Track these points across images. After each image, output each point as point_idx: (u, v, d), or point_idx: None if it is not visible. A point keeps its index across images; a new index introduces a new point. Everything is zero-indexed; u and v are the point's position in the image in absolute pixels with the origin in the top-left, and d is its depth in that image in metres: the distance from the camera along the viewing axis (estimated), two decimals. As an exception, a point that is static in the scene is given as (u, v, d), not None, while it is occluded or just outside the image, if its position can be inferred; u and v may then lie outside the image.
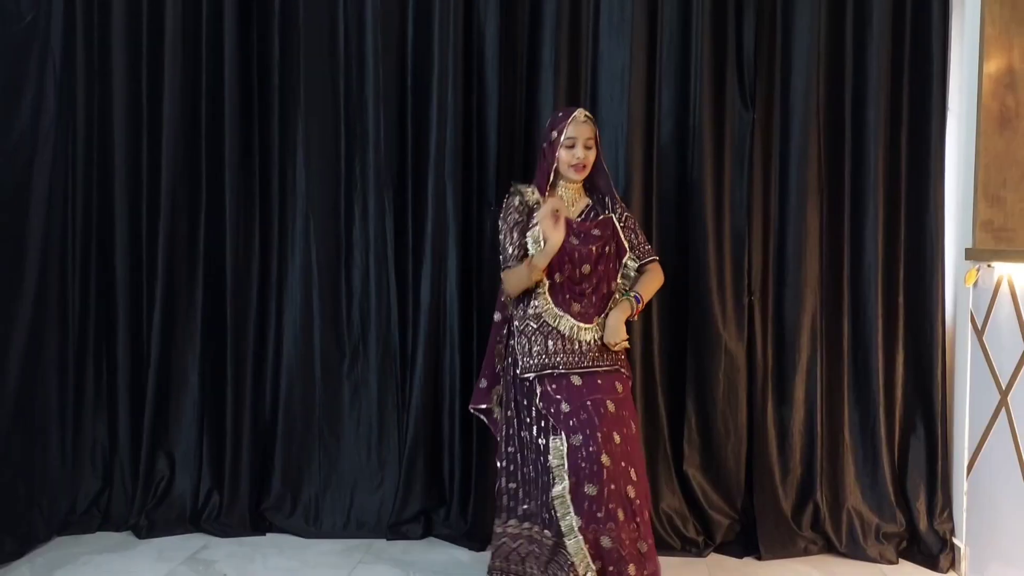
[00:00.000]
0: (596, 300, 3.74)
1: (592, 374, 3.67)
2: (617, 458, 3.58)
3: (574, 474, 3.55)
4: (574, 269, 3.71)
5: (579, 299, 3.72)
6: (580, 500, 3.53)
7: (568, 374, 3.66)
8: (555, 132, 3.75)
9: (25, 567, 4.25)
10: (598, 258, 3.73)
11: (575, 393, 3.63)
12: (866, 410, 4.58)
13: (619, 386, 3.71)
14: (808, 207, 4.54)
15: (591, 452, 3.54)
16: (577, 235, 3.73)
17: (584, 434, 3.55)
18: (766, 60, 4.57)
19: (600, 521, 3.52)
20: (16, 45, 4.36)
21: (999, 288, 3.97)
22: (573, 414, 3.60)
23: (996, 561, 4.00)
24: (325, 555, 4.47)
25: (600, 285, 3.74)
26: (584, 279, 3.72)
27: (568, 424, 3.59)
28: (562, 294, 3.70)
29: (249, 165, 4.79)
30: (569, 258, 3.70)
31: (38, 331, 4.55)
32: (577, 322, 3.67)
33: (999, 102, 4.13)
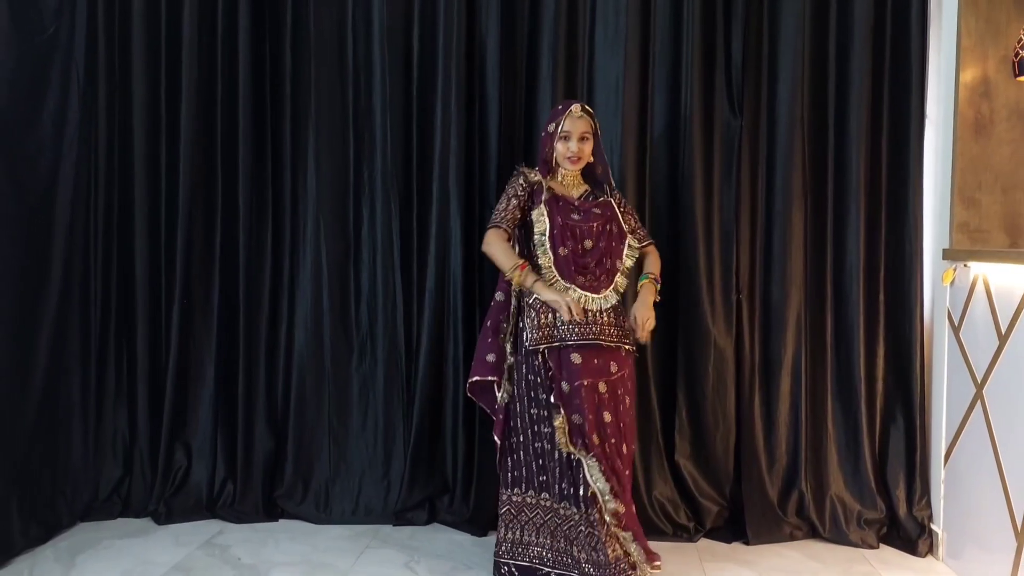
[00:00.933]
0: (600, 274, 3.78)
1: (594, 349, 3.69)
2: (607, 436, 3.68)
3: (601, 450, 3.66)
4: (577, 244, 3.77)
5: (583, 272, 3.76)
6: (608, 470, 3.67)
7: (571, 349, 3.68)
8: (552, 124, 3.83)
9: (49, 551, 4.24)
10: (599, 234, 3.80)
11: (574, 373, 3.66)
12: (848, 402, 4.57)
13: (614, 366, 3.73)
14: (793, 209, 4.54)
15: (586, 432, 3.63)
16: (579, 212, 3.81)
17: (583, 415, 3.63)
18: (753, 70, 4.56)
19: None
20: (38, 56, 4.33)
21: (975, 287, 3.97)
22: (573, 395, 3.66)
23: (971, 545, 4.01)
24: (335, 540, 4.47)
25: (603, 260, 3.79)
26: (587, 253, 3.77)
27: (570, 404, 3.66)
28: (567, 267, 3.74)
29: (262, 170, 4.79)
30: (572, 234, 3.76)
31: (63, 327, 4.54)
32: (584, 292, 3.71)
33: (974, 110, 4.14)
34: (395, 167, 4.73)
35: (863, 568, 4.20)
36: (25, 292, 4.30)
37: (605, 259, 3.80)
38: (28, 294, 4.34)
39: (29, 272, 4.34)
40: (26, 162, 4.30)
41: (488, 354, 3.95)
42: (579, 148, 3.82)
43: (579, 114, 3.81)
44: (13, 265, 4.21)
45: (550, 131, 3.85)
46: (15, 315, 4.22)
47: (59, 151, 4.51)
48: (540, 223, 3.78)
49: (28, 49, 4.28)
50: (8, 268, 4.16)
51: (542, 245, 3.77)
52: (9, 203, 4.16)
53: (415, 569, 4.12)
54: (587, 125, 3.82)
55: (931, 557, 4.33)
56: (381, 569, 4.12)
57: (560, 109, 3.87)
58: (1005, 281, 3.73)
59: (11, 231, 4.18)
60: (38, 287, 4.41)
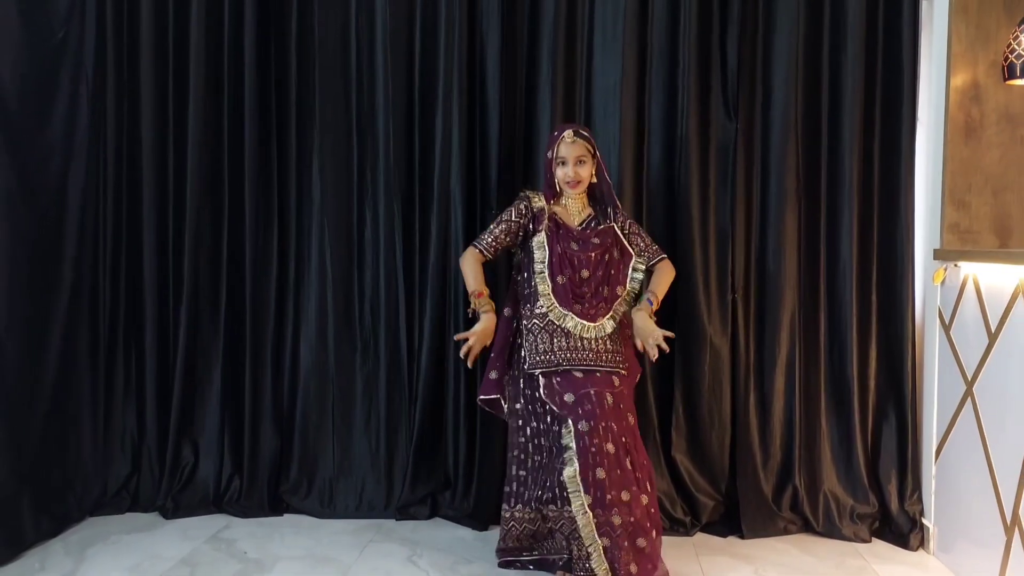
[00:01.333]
0: (597, 302, 3.81)
1: (590, 373, 3.71)
2: (620, 445, 3.63)
3: (582, 457, 3.58)
4: (574, 273, 3.80)
5: (580, 300, 3.79)
6: (589, 482, 3.57)
7: (571, 370, 3.71)
8: (550, 152, 3.89)
9: (59, 545, 4.25)
10: (597, 263, 3.82)
11: (579, 384, 3.67)
12: (841, 399, 4.57)
13: (616, 380, 3.74)
14: (787, 211, 4.54)
15: (597, 440, 3.58)
16: (577, 241, 3.83)
17: (590, 423, 3.59)
18: (748, 74, 4.56)
19: (608, 504, 3.56)
20: (48, 60, 4.35)
21: (965, 286, 3.97)
22: (578, 403, 3.64)
23: (962, 540, 4.02)
24: (339, 534, 4.48)
25: (600, 288, 3.82)
26: (584, 282, 3.81)
27: (575, 412, 3.63)
28: (565, 295, 3.78)
29: (268, 173, 4.79)
30: (570, 263, 3.80)
31: (73, 327, 4.56)
32: (581, 320, 3.75)
33: (965, 114, 4.15)
34: (398, 170, 4.72)
35: (856, 562, 4.20)
36: (37, 292, 4.32)
37: (602, 287, 3.84)
38: (39, 294, 4.35)
39: (41, 273, 4.36)
40: (36, 164, 4.31)
41: (491, 371, 4.00)
42: (576, 172, 3.85)
43: (571, 139, 3.84)
44: (25, 266, 4.22)
45: (549, 157, 3.91)
46: (27, 315, 4.24)
47: (69, 154, 4.53)
48: (540, 252, 3.84)
49: (38, 53, 4.29)
50: (20, 269, 4.18)
51: (541, 273, 3.83)
52: (19, 204, 4.17)
53: (417, 563, 4.13)
54: (581, 148, 3.84)
55: (922, 551, 4.33)
56: (384, 563, 4.12)
57: (556, 135, 3.91)
58: (995, 281, 3.73)
59: (22, 232, 4.20)
60: (50, 288, 4.43)
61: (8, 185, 4.10)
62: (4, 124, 4.06)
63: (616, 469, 3.60)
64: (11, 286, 4.11)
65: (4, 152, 4.06)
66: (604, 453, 3.59)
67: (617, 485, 3.59)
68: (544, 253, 3.83)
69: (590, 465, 3.58)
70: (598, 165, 3.94)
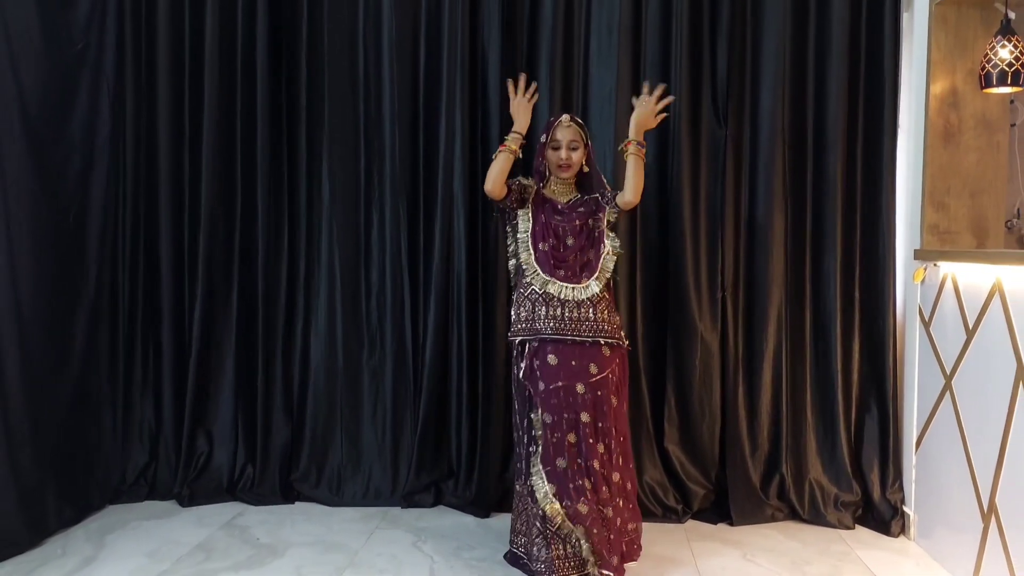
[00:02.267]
0: (579, 268, 3.75)
1: (570, 347, 3.66)
2: (584, 436, 3.63)
3: (546, 448, 3.62)
4: (558, 241, 3.77)
5: (563, 266, 3.74)
6: (553, 472, 3.61)
7: (549, 345, 3.66)
8: (545, 135, 3.85)
9: (81, 532, 4.26)
10: (580, 231, 3.77)
11: (551, 375, 3.65)
12: (826, 392, 4.59)
13: (594, 367, 3.68)
14: (774, 212, 4.56)
15: (561, 432, 3.62)
16: (561, 213, 3.81)
17: (555, 416, 3.62)
18: (737, 83, 4.58)
19: (572, 492, 3.59)
20: (68, 68, 4.36)
21: (944, 285, 3.98)
22: (548, 395, 3.64)
23: (941, 526, 4.03)
24: (347, 521, 4.49)
25: (582, 254, 3.76)
26: (568, 249, 3.77)
27: (546, 403, 3.64)
28: (546, 261, 3.74)
29: (279, 176, 4.81)
30: (554, 232, 3.77)
31: (94, 323, 4.57)
32: (563, 283, 3.71)
33: (944, 119, 4.16)
34: (403, 173, 4.75)
35: (840, 547, 4.21)
36: (61, 290, 4.34)
37: (586, 253, 3.78)
38: (64, 292, 4.38)
39: (65, 271, 4.38)
40: (58, 167, 4.33)
41: None
42: (568, 155, 3.81)
43: (568, 123, 3.82)
44: (50, 265, 4.24)
45: (543, 141, 3.88)
46: (51, 312, 4.26)
47: (90, 157, 4.54)
48: (524, 223, 3.83)
49: (59, 62, 4.31)
50: (45, 268, 4.20)
51: (524, 243, 3.80)
52: (43, 206, 4.19)
53: (422, 548, 4.14)
54: (575, 134, 3.82)
55: (903, 537, 4.34)
56: (391, 548, 4.13)
57: (552, 120, 3.89)
58: (972, 279, 3.73)
59: (46, 232, 4.22)
60: (74, 285, 4.45)
61: (32, 187, 4.11)
62: (27, 130, 4.07)
63: (577, 458, 3.63)
64: (36, 284, 4.13)
65: (27, 156, 4.07)
66: (566, 444, 3.62)
67: (580, 473, 3.62)
68: (528, 224, 3.82)
69: (551, 456, 3.62)
70: (590, 156, 3.89)
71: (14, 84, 4.00)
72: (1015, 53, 3.80)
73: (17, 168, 4.01)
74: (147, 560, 3.94)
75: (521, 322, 3.75)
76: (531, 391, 3.70)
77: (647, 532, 4.17)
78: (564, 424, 3.63)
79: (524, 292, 3.77)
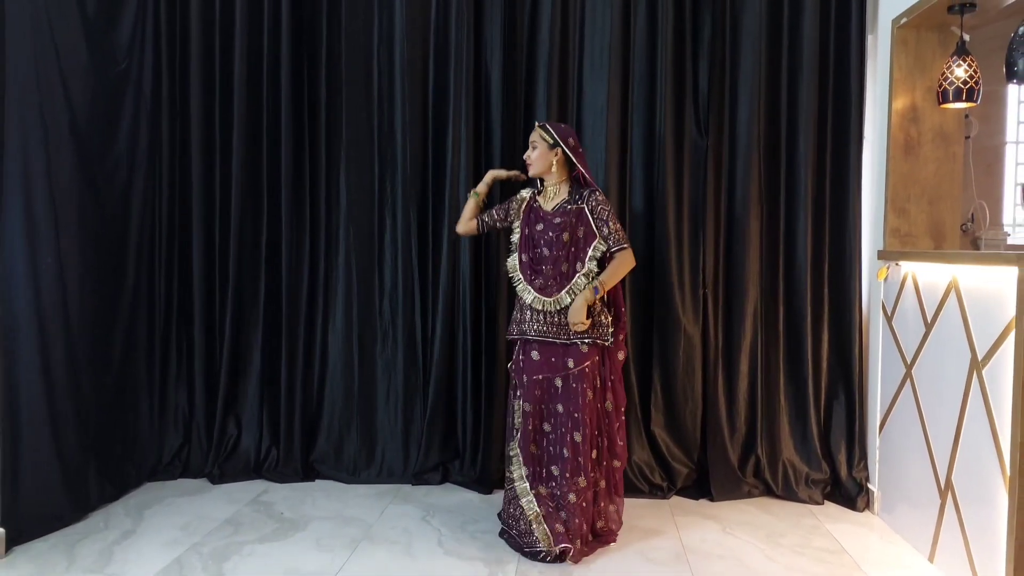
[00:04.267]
0: (555, 277, 3.71)
1: (551, 346, 3.68)
2: (556, 426, 3.66)
3: (523, 436, 3.69)
4: (535, 251, 3.76)
5: (540, 276, 3.73)
6: (527, 457, 3.69)
7: (533, 344, 3.71)
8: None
9: (120, 507, 4.29)
10: (556, 242, 3.71)
11: (532, 368, 3.70)
12: (798, 380, 4.61)
13: (571, 362, 3.68)
14: (751, 216, 4.57)
15: (536, 421, 3.67)
16: (543, 222, 3.78)
17: (532, 404, 3.67)
18: (717, 98, 4.59)
19: (540, 475, 3.68)
20: (113, 86, 4.39)
21: (905, 283, 4.00)
22: (529, 388, 3.69)
23: (902, 502, 4.04)
24: (362, 497, 4.51)
25: (558, 264, 3.71)
26: (544, 260, 3.74)
27: (529, 394, 3.69)
28: (527, 271, 3.76)
29: (301, 185, 4.82)
30: (533, 242, 3.77)
31: (134, 317, 4.60)
32: (537, 294, 3.70)
33: (904, 133, 4.19)
34: (414, 181, 4.77)
35: (810, 521, 4.23)
36: (105, 287, 4.37)
37: (560, 264, 3.71)
38: (108, 289, 4.40)
39: (109, 270, 4.40)
40: (106, 176, 4.36)
41: None
42: (528, 154, 3.84)
43: (535, 129, 3.84)
44: (96, 266, 4.26)
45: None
46: (96, 306, 4.28)
47: (132, 167, 4.57)
48: (515, 234, 3.87)
49: (104, 80, 4.33)
50: (91, 267, 4.21)
51: (512, 252, 3.85)
52: (91, 211, 4.21)
53: (431, 522, 4.15)
54: (534, 135, 3.81)
55: (868, 512, 4.36)
56: (402, 522, 4.15)
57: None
58: (930, 278, 3.74)
59: (94, 235, 4.24)
60: (116, 282, 4.47)
61: (81, 195, 4.13)
62: (76, 143, 4.09)
63: (550, 447, 3.67)
64: (83, 282, 4.14)
65: (76, 167, 4.10)
66: (540, 432, 3.68)
67: (551, 460, 3.67)
68: (516, 235, 3.86)
69: (528, 440, 3.68)
70: (566, 156, 3.76)
71: (64, 99, 4.01)
72: (969, 72, 3.82)
73: (68, 178, 4.03)
74: (181, 533, 3.96)
75: (514, 323, 3.82)
76: (517, 382, 3.77)
77: (635, 507, 4.21)
78: (541, 413, 3.68)
79: (517, 297, 3.82)
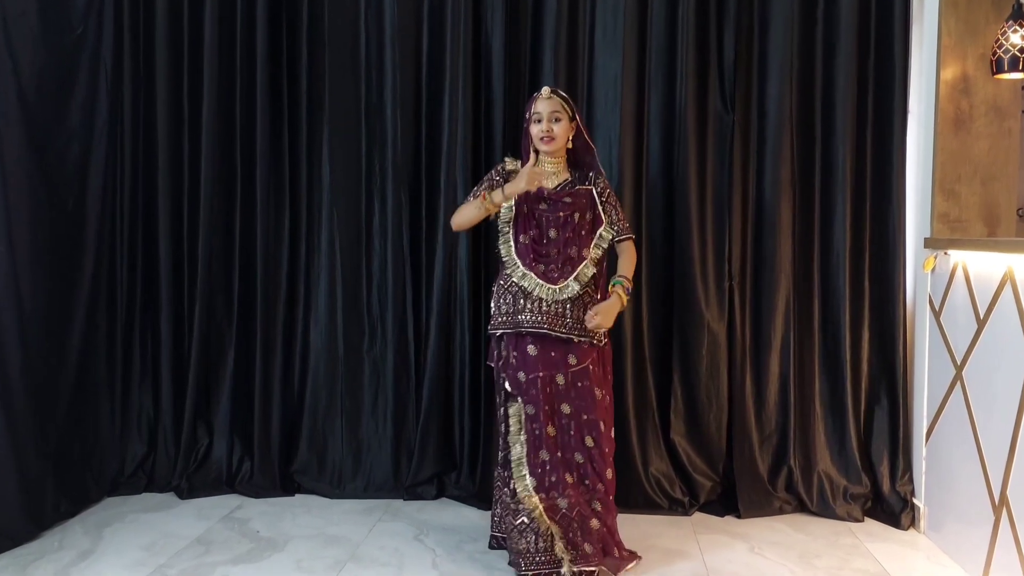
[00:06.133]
0: (562, 263, 3.65)
1: (546, 339, 3.60)
2: (563, 429, 3.61)
3: (528, 439, 3.61)
4: (540, 233, 3.69)
5: (544, 260, 3.66)
6: (535, 464, 3.60)
7: (528, 336, 3.61)
8: (527, 111, 3.74)
9: (78, 525, 4.24)
10: (565, 223, 3.67)
11: (530, 365, 3.61)
12: (835, 382, 4.58)
13: (573, 359, 3.63)
14: (782, 200, 4.55)
15: (540, 423, 3.59)
16: (547, 201, 3.69)
17: (536, 407, 3.60)
18: (744, 68, 4.56)
19: (553, 485, 3.58)
20: (67, 54, 4.37)
21: (955, 274, 3.97)
22: (528, 386, 3.61)
23: (951, 519, 4.01)
24: (348, 514, 4.48)
25: (566, 249, 3.66)
26: (551, 243, 3.67)
27: (526, 394, 3.61)
28: (526, 255, 3.66)
29: (279, 163, 4.80)
30: (537, 222, 3.69)
31: (92, 312, 4.57)
32: (541, 281, 3.62)
33: (954, 106, 4.15)
34: (405, 160, 4.74)
35: (849, 540, 4.20)
36: (59, 278, 4.34)
37: (569, 248, 3.67)
38: (62, 280, 4.37)
39: (63, 259, 4.37)
40: (57, 154, 4.33)
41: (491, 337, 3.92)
42: (549, 127, 3.65)
43: (547, 95, 3.68)
44: (47, 253, 4.23)
45: (526, 118, 3.75)
46: (50, 300, 4.26)
47: (89, 143, 4.54)
48: (506, 211, 3.73)
49: (57, 47, 4.30)
50: (42, 256, 4.18)
51: (504, 233, 3.74)
52: (41, 193, 4.18)
53: (424, 541, 4.13)
54: (556, 105, 3.66)
55: (913, 530, 4.34)
56: (392, 541, 4.12)
57: (534, 95, 3.75)
58: (983, 268, 3.72)
59: (44, 220, 4.21)
60: (72, 273, 4.45)
61: (31, 174, 4.10)
62: (25, 115, 4.06)
63: (557, 451, 3.61)
64: (34, 273, 4.11)
65: (25, 142, 4.06)
66: (546, 436, 3.60)
67: (560, 466, 3.60)
68: (510, 212, 3.72)
69: (535, 447, 3.60)
70: (577, 130, 3.76)
71: (11, 68, 3.99)
72: (1027, 37, 3.80)
73: (16, 154, 4.00)
74: (145, 554, 3.92)
75: (502, 315, 3.69)
76: (508, 382, 3.67)
77: (653, 525, 4.22)
78: (543, 416, 3.60)
79: (504, 284, 3.71)
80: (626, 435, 4.52)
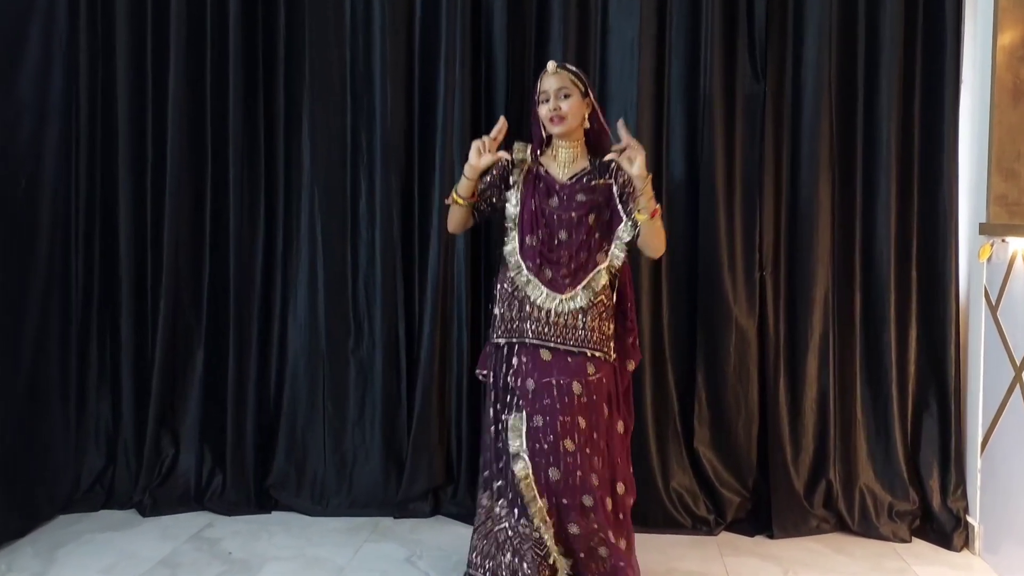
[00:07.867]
0: (574, 269, 3.56)
1: (560, 351, 3.53)
2: (582, 445, 3.49)
3: (533, 457, 3.47)
4: (550, 234, 3.60)
5: (552, 266, 3.57)
6: (543, 484, 3.47)
7: (538, 346, 3.54)
8: (534, 94, 3.66)
9: (28, 546, 4.24)
10: (578, 225, 3.58)
11: (543, 371, 3.52)
12: (879, 387, 4.58)
13: (591, 367, 3.54)
14: (820, 181, 4.54)
15: (553, 437, 3.46)
16: (559, 196, 3.61)
17: (546, 418, 3.48)
18: (778, 32, 4.55)
19: (566, 508, 3.47)
20: (15, 19, 4.38)
21: (1014, 263, 3.97)
22: (538, 395, 3.51)
23: (1010, 540, 3.99)
24: (332, 533, 4.48)
25: (578, 253, 3.57)
26: (561, 246, 3.58)
27: (533, 404, 3.50)
28: (534, 259, 3.57)
29: (253, 138, 4.82)
30: (546, 221, 3.60)
31: (46, 309, 4.58)
32: (547, 289, 3.53)
33: (1013, 75, 4.14)
34: (396, 135, 4.72)
35: (894, 563, 4.19)
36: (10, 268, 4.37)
37: (581, 253, 3.58)
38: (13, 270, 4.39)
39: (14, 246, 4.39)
40: (6, 128, 4.35)
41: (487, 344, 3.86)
42: (557, 105, 3.53)
43: (553, 71, 3.58)
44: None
45: (534, 99, 3.68)
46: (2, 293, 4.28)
47: (42, 115, 4.58)
48: (512, 207, 3.65)
49: (5, 11, 4.32)
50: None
51: (511, 230, 3.66)
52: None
53: (417, 564, 4.14)
54: (564, 80, 3.57)
55: (967, 551, 4.33)
56: (381, 564, 4.13)
57: (540, 74, 3.67)
58: (1047, 256, 3.72)
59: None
60: (23, 261, 4.46)
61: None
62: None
63: (577, 471, 3.48)
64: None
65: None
66: (561, 451, 3.47)
67: (575, 490, 3.48)
68: (516, 209, 3.65)
69: (542, 465, 3.48)
70: (592, 110, 3.66)
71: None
72: (1099, -5, 3.76)
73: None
74: (103, 577, 3.92)
75: (505, 322, 3.63)
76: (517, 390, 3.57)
77: (675, 545, 4.24)
78: (558, 428, 3.48)
79: (509, 288, 3.64)
80: (644, 445, 4.53)
